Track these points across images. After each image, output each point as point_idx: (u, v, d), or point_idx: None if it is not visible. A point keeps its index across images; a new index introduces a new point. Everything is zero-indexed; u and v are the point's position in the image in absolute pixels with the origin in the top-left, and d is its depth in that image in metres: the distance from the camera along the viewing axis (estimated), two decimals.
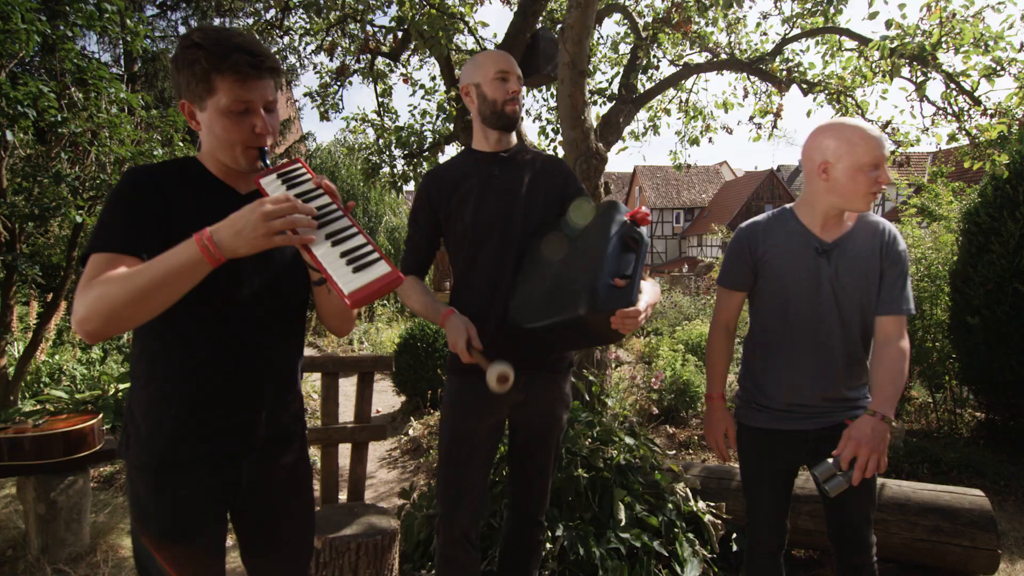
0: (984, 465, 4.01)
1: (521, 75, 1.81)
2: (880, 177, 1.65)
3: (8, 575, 2.66)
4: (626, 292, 1.46)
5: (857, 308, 1.75)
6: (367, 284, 1.04)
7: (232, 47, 1.11)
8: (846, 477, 1.58)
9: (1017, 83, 3.23)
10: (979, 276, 4.49)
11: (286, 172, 1.18)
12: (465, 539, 1.81)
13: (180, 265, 1.02)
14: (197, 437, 1.21)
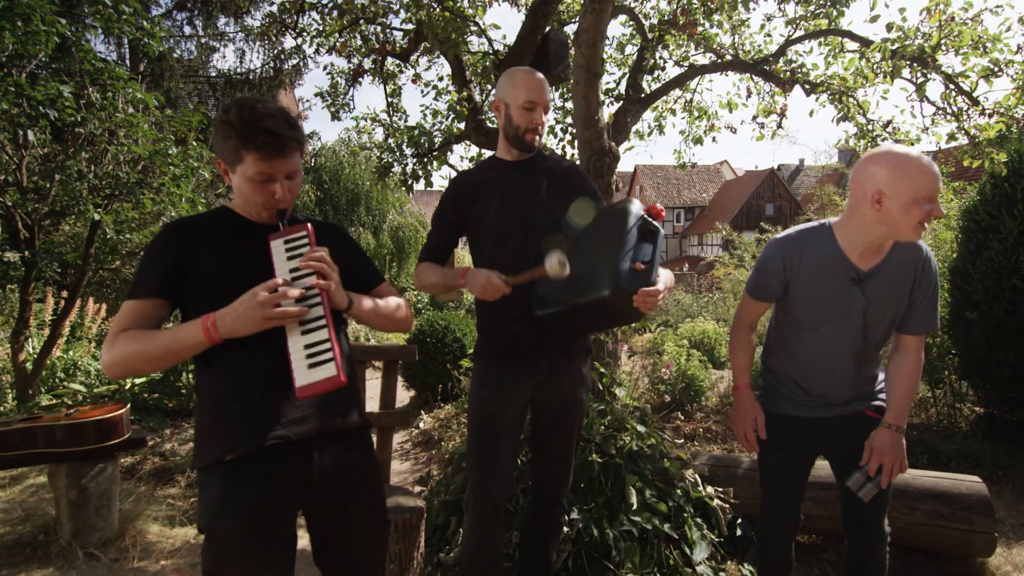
0: (982, 456, 4.11)
1: (549, 105, 1.93)
2: (934, 211, 1.62)
3: (41, 558, 2.76)
4: (646, 274, 1.61)
5: (883, 328, 1.83)
6: (314, 383, 1.25)
7: (260, 129, 1.27)
8: (875, 483, 1.78)
9: (1014, 83, 3.33)
10: (978, 272, 4.56)
11: (292, 240, 1.37)
12: (494, 511, 1.92)
13: (186, 342, 1.26)
14: (263, 436, 1.30)
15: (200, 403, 1.36)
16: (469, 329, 5.55)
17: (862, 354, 1.84)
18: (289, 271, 1.33)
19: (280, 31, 4.38)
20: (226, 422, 1.31)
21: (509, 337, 1.92)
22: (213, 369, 1.33)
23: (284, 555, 1.33)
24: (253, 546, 1.28)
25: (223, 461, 1.28)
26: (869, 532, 1.90)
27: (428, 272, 1.97)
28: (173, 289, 1.31)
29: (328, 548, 1.47)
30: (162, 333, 1.26)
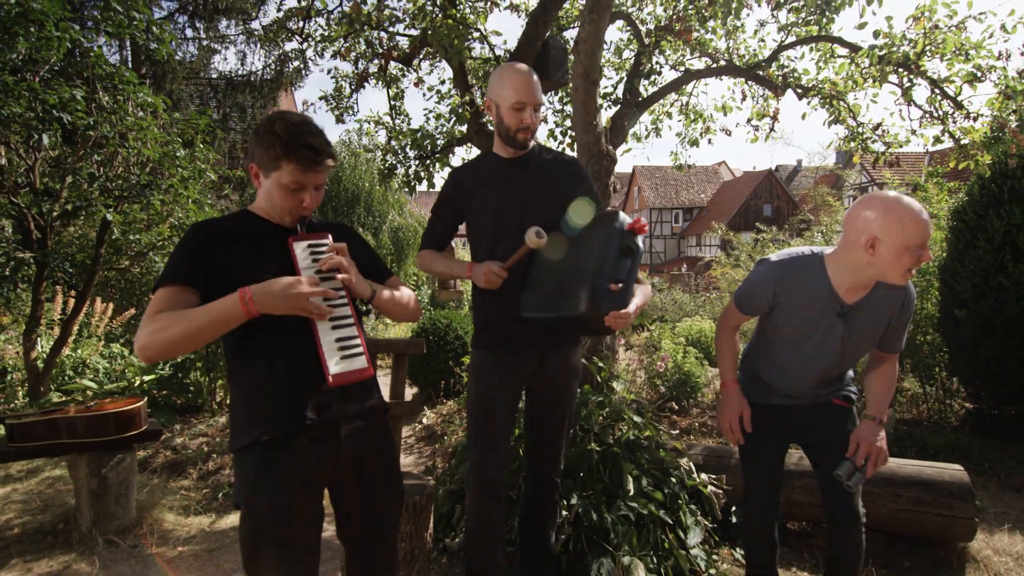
0: (969, 449, 4.24)
1: (540, 102, 1.98)
2: (923, 256, 1.72)
3: (63, 544, 2.88)
4: (620, 295, 1.75)
5: (858, 352, 2.00)
6: (347, 372, 1.41)
7: (302, 143, 1.40)
8: (862, 472, 1.94)
9: (996, 88, 3.46)
10: (966, 271, 4.67)
11: (314, 244, 1.51)
12: (492, 489, 2.05)
13: (224, 315, 1.33)
14: (294, 415, 1.42)
15: (235, 390, 1.48)
16: (470, 327, 5.66)
17: (834, 370, 2.02)
18: (316, 273, 1.45)
19: (288, 37, 4.49)
20: (261, 406, 1.43)
21: (502, 331, 2.06)
22: (247, 358, 1.45)
23: (313, 528, 1.46)
24: (287, 518, 1.40)
25: (260, 442, 1.40)
26: (846, 514, 2.03)
27: (434, 260, 2.12)
28: (203, 281, 1.40)
29: (351, 522, 1.59)
30: (199, 310, 1.33)
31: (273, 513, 1.39)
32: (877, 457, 1.92)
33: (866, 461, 1.92)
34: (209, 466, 3.79)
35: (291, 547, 1.41)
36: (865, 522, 2.08)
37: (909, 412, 5.51)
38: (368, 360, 1.47)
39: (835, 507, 2.05)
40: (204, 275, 1.40)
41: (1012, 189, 4.41)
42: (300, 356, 1.43)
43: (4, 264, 4.54)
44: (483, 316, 2.09)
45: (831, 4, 3.64)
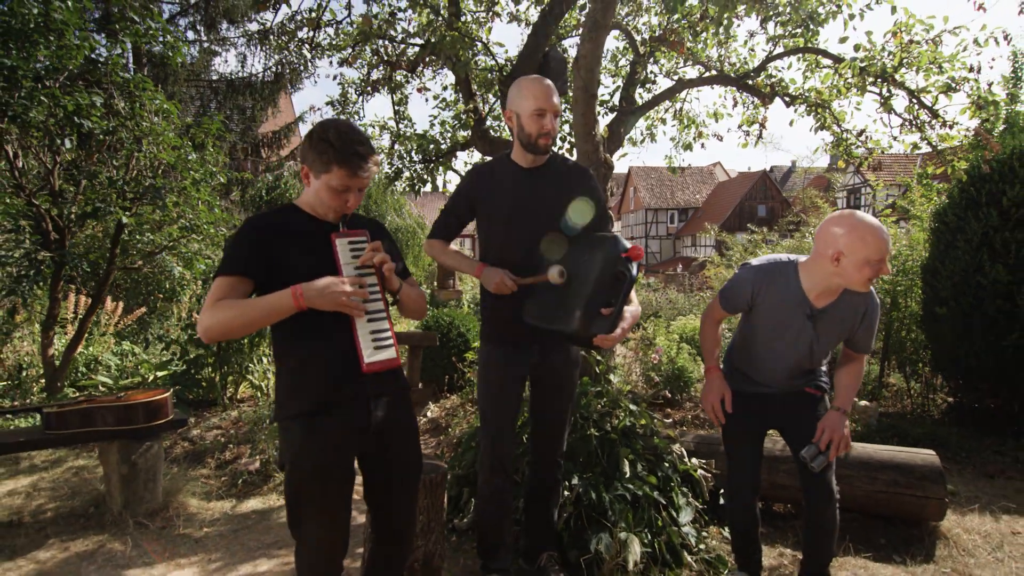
0: (947, 439, 4.46)
1: (559, 109, 2.15)
2: (882, 270, 1.97)
3: (95, 526, 3.07)
4: (610, 320, 1.92)
5: (827, 350, 2.25)
6: (379, 361, 1.65)
7: (352, 152, 1.61)
8: (825, 455, 2.15)
9: (969, 99, 3.69)
10: (946, 270, 4.88)
11: (354, 241, 1.72)
12: (502, 467, 2.27)
13: (278, 307, 1.55)
14: (334, 390, 1.65)
15: (281, 368, 1.70)
16: (472, 324, 5.87)
17: (804, 366, 2.25)
18: (355, 268, 1.67)
19: (298, 45, 4.69)
20: (305, 384, 1.65)
21: (507, 327, 2.26)
22: (294, 341, 1.67)
23: (346, 488, 1.70)
24: (326, 478, 1.64)
25: (304, 413, 1.62)
26: (820, 492, 2.24)
27: (444, 251, 2.32)
28: (257, 270, 1.61)
29: (377, 488, 1.82)
30: (255, 301, 1.56)
31: (314, 473, 1.63)
32: (839, 443, 2.13)
33: (829, 445, 2.14)
34: (226, 455, 3.98)
35: (328, 502, 1.66)
36: (839, 499, 2.30)
37: (894, 406, 5.74)
38: (397, 351, 1.70)
39: (811, 485, 2.26)
40: (258, 266, 1.62)
41: (989, 192, 4.64)
42: (339, 344, 1.64)
43: (28, 264, 4.72)
44: (491, 312, 2.29)
45: (815, 18, 3.86)
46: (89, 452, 4.23)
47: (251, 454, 3.82)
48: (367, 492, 1.85)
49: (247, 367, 5.45)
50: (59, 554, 2.79)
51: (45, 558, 2.76)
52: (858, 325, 2.17)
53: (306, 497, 1.64)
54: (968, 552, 2.89)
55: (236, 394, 5.56)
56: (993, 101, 3.71)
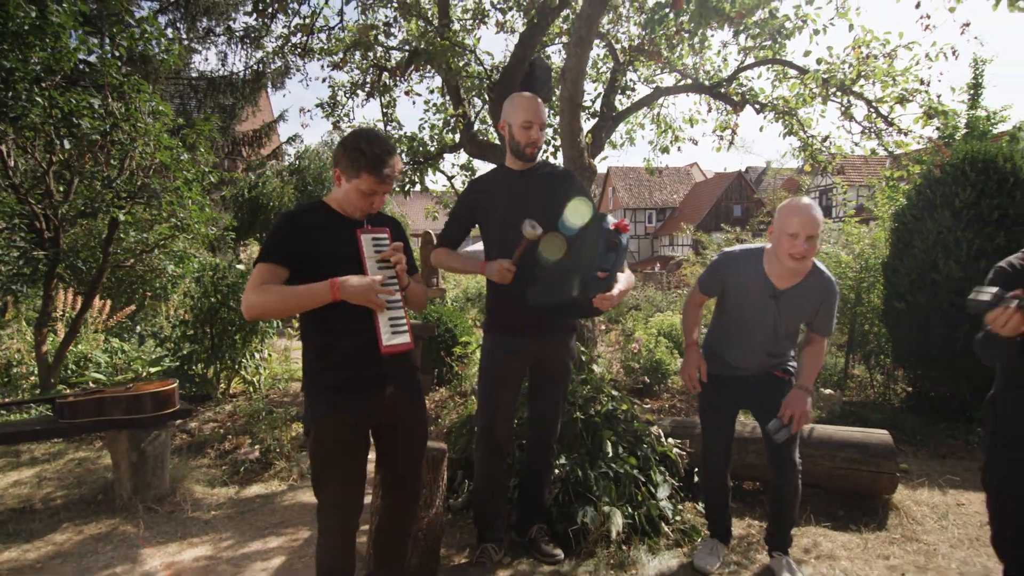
0: (905, 424, 4.80)
1: (544, 122, 2.43)
2: (795, 246, 2.25)
3: (106, 511, 3.22)
4: (606, 282, 2.19)
5: (791, 329, 2.52)
6: (395, 345, 1.88)
7: (382, 162, 1.84)
8: (788, 428, 2.41)
9: (922, 108, 4.01)
10: (905, 268, 5.20)
11: (377, 238, 1.96)
12: (499, 447, 2.49)
13: (316, 295, 1.79)
14: (356, 368, 1.89)
15: (309, 345, 1.94)
16: (460, 320, 6.08)
17: (771, 345, 2.52)
18: (376, 262, 1.89)
19: (291, 50, 4.84)
20: (330, 362, 1.88)
21: (510, 318, 2.50)
22: (322, 324, 1.88)
23: (363, 455, 1.95)
24: (346, 447, 1.88)
25: (330, 388, 1.84)
26: (784, 463, 2.51)
27: (450, 256, 2.55)
28: (292, 259, 1.84)
29: (388, 455, 2.07)
30: (296, 289, 1.80)
31: (336, 443, 1.88)
32: (800, 417, 2.39)
33: (792, 419, 2.40)
34: (226, 446, 4.13)
35: (347, 468, 1.91)
36: (800, 471, 2.57)
37: (858, 396, 6.08)
38: (411, 336, 1.92)
39: (775, 457, 2.53)
40: (293, 255, 1.84)
41: (943, 195, 4.97)
42: (361, 328, 1.86)
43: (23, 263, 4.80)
44: (495, 305, 2.52)
45: (782, 31, 4.14)
46: (88, 445, 4.35)
47: (251, 444, 3.98)
48: (379, 459, 2.08)
49: (240, 362, 5.58)
50: (74, 536, 2.94)
51: (61, 540, 2.91)
52: (818, 308, 2.44)
53: (328, 463, 1.88)
54: (916, 521, 3.20)
55: (228, 389, 5.69)
56: (943, 111, 4.03)
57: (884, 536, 3.04)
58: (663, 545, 2.83)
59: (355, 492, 1.95)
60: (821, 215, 2.31)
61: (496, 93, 4.09)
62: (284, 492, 3.56)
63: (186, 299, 6.92)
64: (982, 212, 4.75)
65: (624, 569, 2.64)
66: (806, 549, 2.88)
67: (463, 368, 5.49)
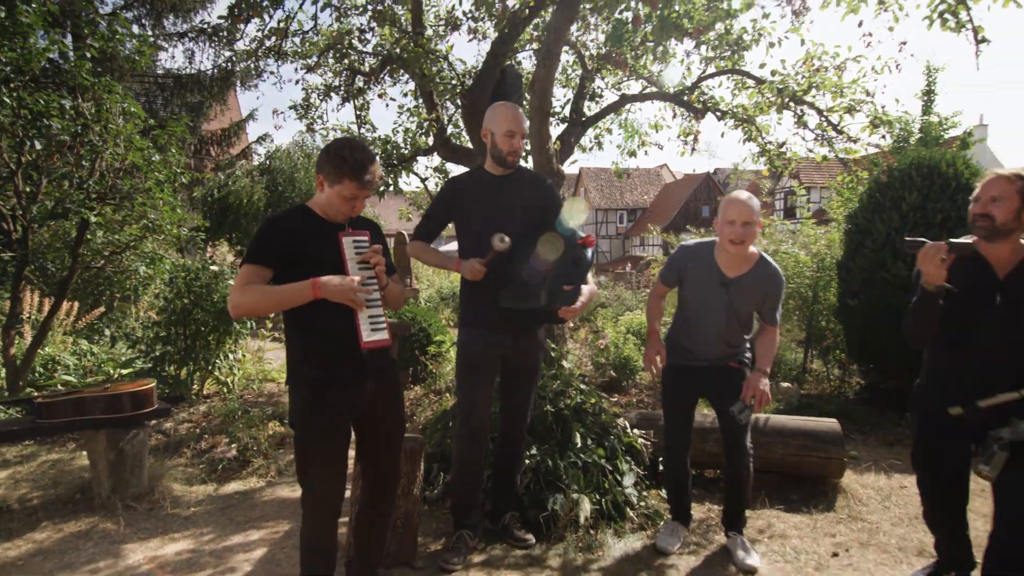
0: (857, 415, 5.09)
1: (525, 132, 2.59)
2: (732, 232, 2.50)
3: (85, 510, 3.26)
4: (571, 294, 2.38)
5: (743, 316, 2.73)
6: (374, 341, 2.01)
7: (364, 168, 1.96)
8: (750, 409, 2.61)
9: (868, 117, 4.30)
10: (857, 267, 5.49)
11: (358, 241, 2.08)
12: (476, 434, 2.64)
13: (298, 295, 1.90)
14: (337, 363, 2.01)
15: (293, 342, 2.05)
16: (434, 320, 6.19)
17: (726, 331, 2.72)
18: (357, 264, 2.01)
19: (266, 53, 4.90)
20: (313, 356, 1.99)
21: (482, 313, 2.64)
22: (305, 321, 2.00)
23: (345, 444, 2.07)
24: (329, 436, 2.00)
25: (313, 381, 1.95)
26: (737, 448, 2.72)
27: (426, 251, 2.69)
28: (275, 261, 1.95)
29: (368, 446, 2.20)
30: (279, 288, 1.92)
31: (320, 432, 2.00)
32: (761, 398, 2.59)
33: (754, 400, 2.59)
34: (202, 445, 4.18)
35: (331, 456, 2.03)
36: (753, 456, 2.78)
37: (815, 389, 6.38)
38: (389, 333, 2.05)
39: (730, 442, 2.74)
40: (277, 257, 1.96)
41: (891, 199, 5.28)
42: (343, 326, 1.98)
43: None
44: (469, 301, 2.66)
45: (740, 43, 4.38)
46: (61, 447, 4.35)
47: (228, 442, 4.03)
48: (360, 449, 2.21)
49: (214, 363, 5.60)
50: (54, 534, 2.98)
51: (41, 538, 2.94)
52: (765, 296, 2.66)
53: (313, 452, 2.00)
54: (862, 502, 3.44)
55: (202, 390, 5.70)
56: (887, 120, 4.32)
57: (832, 516, 3.27)
58: (628, 529, 3.01)
59: (337, 480, 2.07)
60: (756, 204, 2.57)
61: (468, 100, 4.23)
62: (263, 488, 3.64)
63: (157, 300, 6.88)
64: (927, 215, 5.05)
65: (591, 552, 2.81)
66: (760, 530, 3.09)
67: (437, 367, 5.60)
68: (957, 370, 2.24)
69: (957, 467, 2.30)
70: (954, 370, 2.25)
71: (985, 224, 2.13)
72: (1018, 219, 2.10)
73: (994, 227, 2.11)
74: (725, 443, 2.76)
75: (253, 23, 4.38)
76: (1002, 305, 2.12)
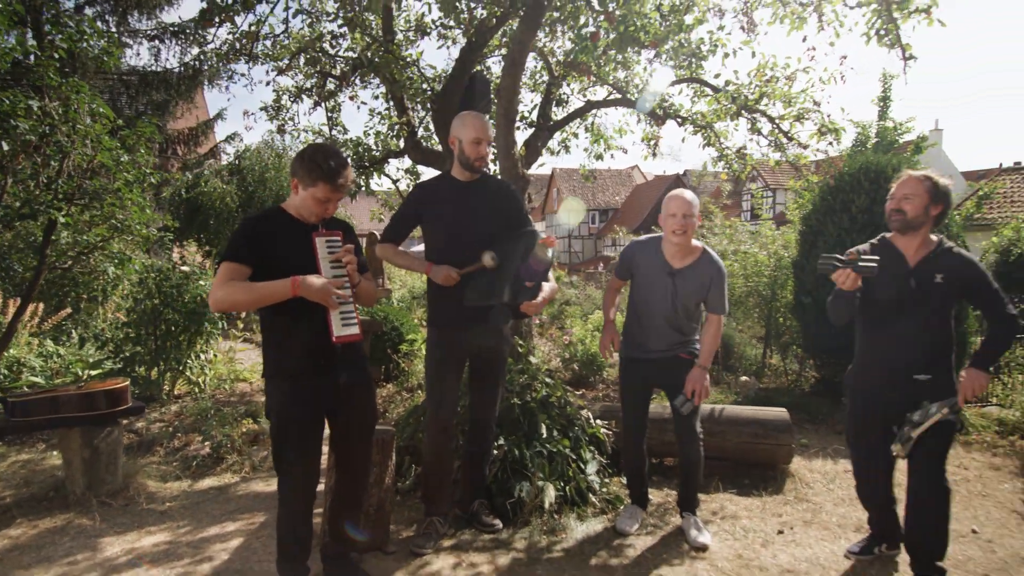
0: (810, 406, 5.37)
1: (491, 139, 2.74)
2: (675, 222, 2.74)
3: (60, 506, 3.31)
4: (533, 290, 2.56)
5: (689, 306, 2.94)
6: (346, 335, 2.13)
7: (337, 173, 2.09)
8: (691, 401, 2.84)
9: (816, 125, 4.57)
10: (810, 266, 5.78)
11: (330, 241, 2.21)
12: (445, 427, 2.77)
13: (278, 292, 2.04)
14: (311, 356, 2.13)
15: (269, 337, 2.18)
16: (405, 319, 6.31)
17: (674, 321, 2.92)
18: (330, 262, 2.13)
19: (236, 56, 4.94)
20: (289, 351, 2.11)
21: (449, 313, 2.78)
22: (281, 317, 2.12)
23: (319, 432, 2.21)
24: (304, 424, 2.13)
25: (289, 373, 2.07)
26: (688, 433, 2.93)
27: (396, 253, 2.82)
28: (254, 259, 2.06)
29: (341, 435, 2.33)
30: (260, 285, 2.03)
31: (295, 420, 2.13)
32: (700, 392, 2.81)
33: (695, 393, 2.81)
34: (175, 443, 4.23)
35: (305, 443, 2.16)
36: (703, 440, 2.99)
37: (773, 382, 6.68)
38: (360, 328, 2.18)
39: (681, 428, 2.94)
40: (255, 256, 2.08)
41: (842, 201, 5.59)
42: (316, 321, 2.11)
43: None
44: (437, 302, 2.80)
45: (698, 53, 4.61)
46: (31, 447, 4.35)
47: (202, 440, 4.09)
48: (334, 439, 2.34)
49: (185, 363, 5.62)
50: (30, 531, 3.03)
51: (17, 534, 2.99)
52: (709, 285, 2.87)
53: (289, 440, 2.13)
54: (808, 485, 3.69)
55: (173, 390, 5.71)
56: (834, 128, 4.60)
57: (780, 498, 3.50)
58: (590, 513, 3.19)
59: (312, 468, 2.20)
60: (695, 199, 2.82)
61: (438, 105, 4.36)
62: (237, 484, 3.72)
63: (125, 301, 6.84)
64: (875, 217, 5.35)
65: (555, 535, 2.98)
66: (714, 511, 3.31)
67: (409, 365, 5.72)
68: (880, 351, 2.50)
69: (881, 445, 2.54)
70: (877, 351, 2.51)
71: (899, 218, 2.42)
72: (926, 214, 2.38)
73: (906, 221, 2.40)
74: (677, 429, 2.98)
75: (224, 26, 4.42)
76: (915, 289, 2.38)
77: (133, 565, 2.68)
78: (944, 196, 2.44)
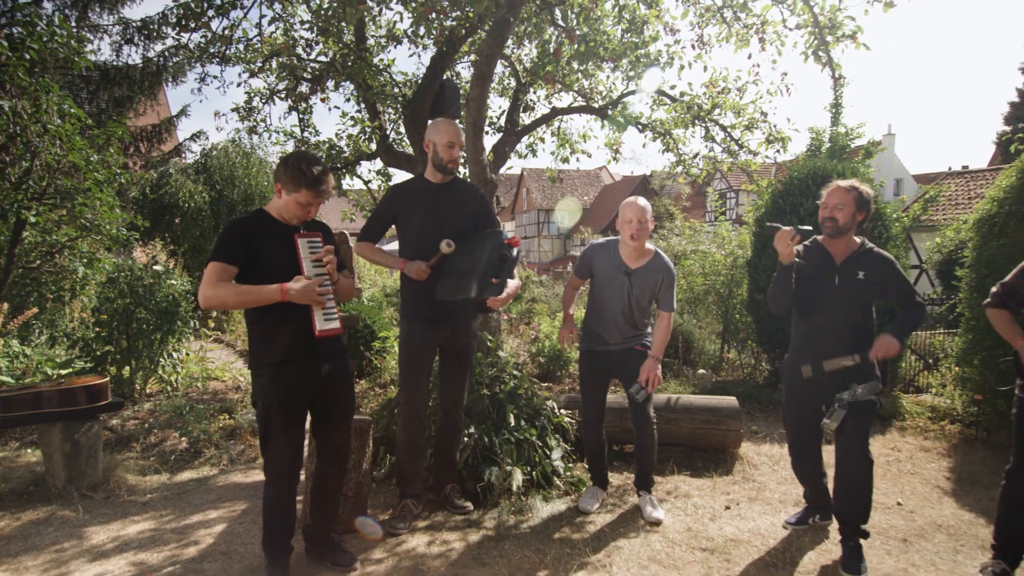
0: (761, 396, 5.72)
1: (463, 143, 2.96)
2: (631, 227, 3.01)
3: (42, 499, 3.39)
4: (499, 286, 2.76)
5: (643, 302, 3.20)
6: (327, 329, 2.31)
7: (318, 180, 2.26)
8: (645, 390, 3.09)
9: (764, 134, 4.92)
10: (763, 265, 6.14)
11: (312, 242, 2.38)
12: (418, 415, 2.97)
13: (266, 296, 2.22)
14: (295, 348, 2.31)
15: (254, 330, 2.34)
16: (377, 317, 6.46)
17: (629, 316, 3.18)
18: (312, 262, 2.31)
19: (208, 59, 5.03)
20: (273, 343, 2.29)
21: (422, 306, 2.98)
22: (266, 314, 2.29)
23: (302, 418, 2.38)
24: (289, 412, 2.30)
25: (273, 363, 2.25)
26: (643, 418, 3.20)
27: (373, 251, 3.02)
28: (240, 261, 2.23)
29: (322, 422, 2.50)
30: (250, 288, 2.20)
31: (279, 406, 2.30)
32: (653, 380, 3.07)
33: (648, 382, 3.07)
34: (152, 439, 4.32)
35: (289, 427, 2.33)
36: (656, 424, 3.26)
37: (730, 376, 7.05)
38: (340, 323, 2.37)
39: (636, 414, 3.20)
40: (241, 256, 2.25)
41: (791, 204, 5.95)
42: (299, 316, 2.29)
43: None
44: (411, 297, 3.00)
45: (657, 64, 4.90)
46: (4, 445, 4.38)
47: (180, 435, 4.20)
48: (315, 425, 2.51)
49: (157, 362, 5.67)
50: (13, 523, 3.11)
51: (0, 526, 3.07)
52: (660, 284, 3.14)
53: (273, 423, 2.30)
54: (755, 467, 4.00)
55: (145, 389, 5.75)
56: (780, 137, 4.95)
57: (728, 479, 3.80)
58: (555, 495, 3.43)
59: (295, 451, 2.38)
60: (647, 205, 3.10)
61: (410, 110, 4.54)
62: (216, 475, 3.84)
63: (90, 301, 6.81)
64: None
65: (522, 514, 3.21)
66: (668, 491, 3.58)
67: (382, 361, 5.88)
68: (809, 339, 2.80)
69: (812, 424, 2.84)
70: (807, 339, 2.81)
71: (831, 225, 2.72)
72: (853, 220, 2.69)
73: (837, 227, 2.70)
74: (633, 414, 3.24)
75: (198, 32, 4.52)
76: (839, 285, 2.69)
77: (135, 568, 2.81)
78: (867, 204, 2.75)
